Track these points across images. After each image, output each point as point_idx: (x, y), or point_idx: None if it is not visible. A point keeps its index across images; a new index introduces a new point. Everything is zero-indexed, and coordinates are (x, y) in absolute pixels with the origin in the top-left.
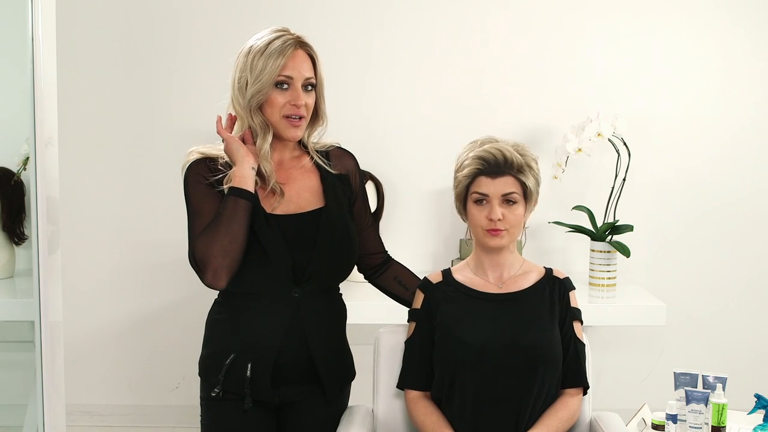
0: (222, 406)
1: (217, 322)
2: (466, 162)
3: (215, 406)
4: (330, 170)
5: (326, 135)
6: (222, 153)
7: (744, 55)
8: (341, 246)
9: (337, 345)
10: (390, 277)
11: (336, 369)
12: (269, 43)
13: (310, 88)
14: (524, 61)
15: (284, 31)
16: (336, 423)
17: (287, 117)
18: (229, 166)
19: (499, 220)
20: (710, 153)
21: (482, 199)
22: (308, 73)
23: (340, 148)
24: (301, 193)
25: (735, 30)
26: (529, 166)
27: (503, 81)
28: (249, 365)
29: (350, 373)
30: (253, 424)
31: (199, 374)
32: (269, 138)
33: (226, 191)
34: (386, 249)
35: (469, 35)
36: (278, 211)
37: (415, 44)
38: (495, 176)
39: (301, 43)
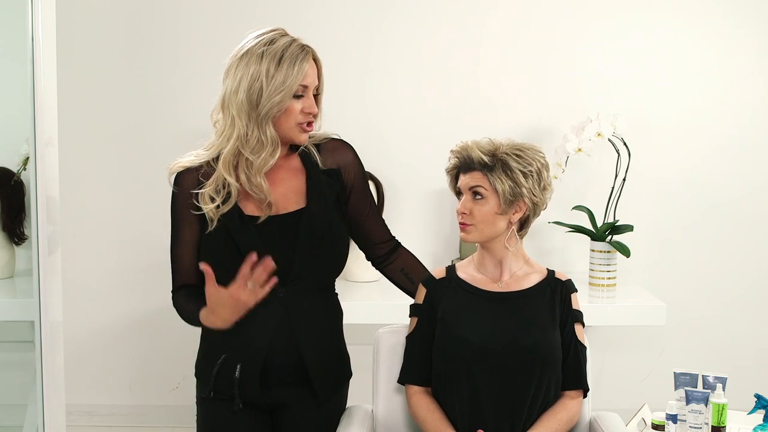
0: (215, 407)
1: None
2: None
3: (208, 407)
4: (318, 167)
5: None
6: (203, 161)
7: (744, 55)
8: (324, 245)
9: (330, 345)
10: (397, 269)
11: (329, 370)
12: (283, 50)
13: (317, 92)
14: (525, 61)
15: (285, 33)
16: (331, 425)
17: (300, 123)
18: (210, 172)
19: (464, 213)
20: (710, 152)
21: (460, 194)
22: (318, 79)
23: (336, 139)
24: (286, 195)
25: (735, 30)
26: (507, 167)
27: (504, 81)
28: (238, 366)
29: (345, 374)
30: (244, 425)
31: (195, 375)
32: (278, 154)
33: (209, 214)
34: (394, 236)
35: (470, 35)
36: (258, 212)
37: (416, 44)
38: (466, 171)
39: (310, 49)
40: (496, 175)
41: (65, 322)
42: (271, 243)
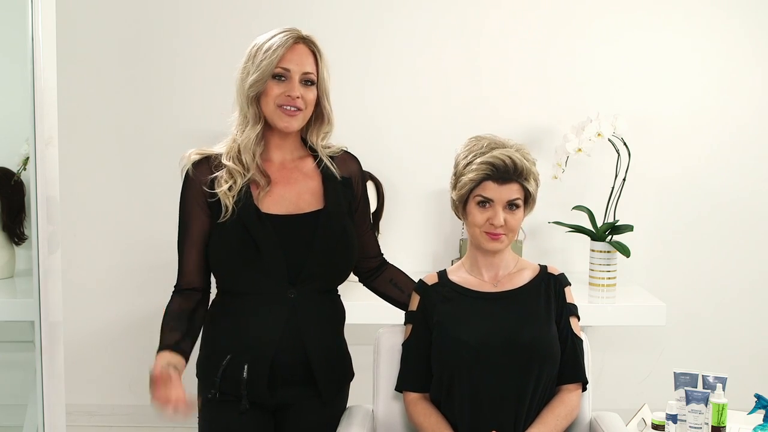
0: (219, 408)
1: (214, 322)
2: (473, 166)
3: (212, 408)
4: (335, 173)
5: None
6: (220, 152)
7: (744, 55)
8: (338, 248)
9: (335, 346)
10: (386, 280)
11: (333, 370)
12: (272, 37)
13: (309, 83)
14: (524, 61)
15: (291, 29)
16: (334, 424)
17: (281, 106)
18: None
19: (501, 225)
20: (710, 153)
21: (485, 202)
22: (308, 68)
23: (347, 152)
24: (301, 195)
25: (735, 29)
26: (531, 171)
27: (504, 81)
28: (245, 366)
29: (348, 375)
30: (250, 426)
31: (197, 375)
32: (257, 128)
33: (222, 199)
34: (383, 253)
35: (470, 35)
36: (274, 211)
37: (416, 44)
38: (502, 183)
39: (303, 39)
40: (531, 183)
41: (65, 322)
42: (286, 241)
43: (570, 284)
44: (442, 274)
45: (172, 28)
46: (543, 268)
